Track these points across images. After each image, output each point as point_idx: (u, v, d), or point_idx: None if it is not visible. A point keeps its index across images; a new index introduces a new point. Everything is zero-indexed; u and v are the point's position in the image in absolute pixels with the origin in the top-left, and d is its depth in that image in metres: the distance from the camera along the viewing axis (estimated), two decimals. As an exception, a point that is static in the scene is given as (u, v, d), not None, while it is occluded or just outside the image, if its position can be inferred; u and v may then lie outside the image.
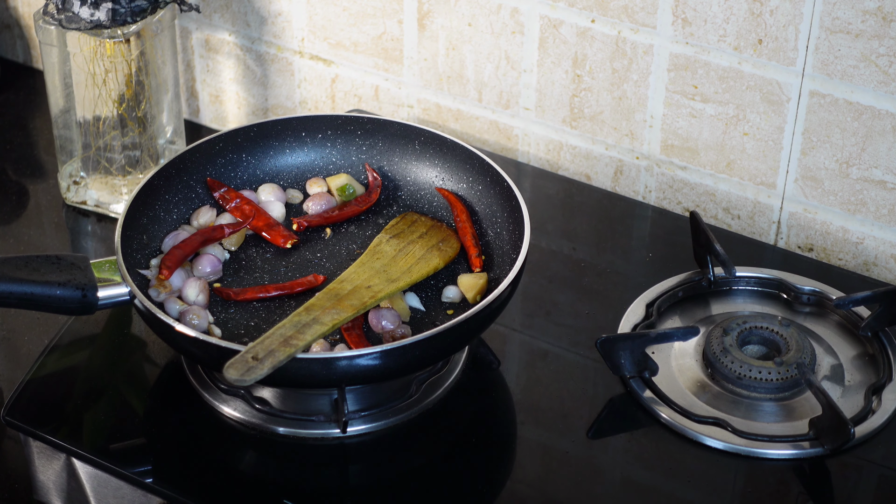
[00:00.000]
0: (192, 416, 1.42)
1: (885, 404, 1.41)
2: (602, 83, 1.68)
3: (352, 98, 1.85)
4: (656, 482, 1.36)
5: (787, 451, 1.37)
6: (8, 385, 1.53)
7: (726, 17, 1.57)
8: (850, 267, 1.64)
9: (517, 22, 1.69)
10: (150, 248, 1.50)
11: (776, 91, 1.59)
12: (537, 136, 1.77)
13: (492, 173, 1.53)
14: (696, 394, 1.44)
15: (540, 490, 1.36)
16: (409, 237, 1.52)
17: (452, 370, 1.45)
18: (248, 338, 1.41)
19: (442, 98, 1.80)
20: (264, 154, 1.60)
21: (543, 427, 1.42)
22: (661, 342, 1.45)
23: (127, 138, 1.72)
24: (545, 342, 1.52)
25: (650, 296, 1.54)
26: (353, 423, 1.38)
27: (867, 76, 1.52)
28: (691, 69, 1.62)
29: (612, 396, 1.44)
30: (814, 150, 1.60)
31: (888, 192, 1.58)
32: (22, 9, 2.03)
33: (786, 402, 1.43)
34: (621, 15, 1.63)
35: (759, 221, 1.68)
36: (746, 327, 1.47)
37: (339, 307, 1.38)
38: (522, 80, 1.73)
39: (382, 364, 1.31)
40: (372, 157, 1.61)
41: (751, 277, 1.57)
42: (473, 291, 1.46)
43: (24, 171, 1.85)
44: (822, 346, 1.49)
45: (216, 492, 1.35)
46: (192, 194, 1.56)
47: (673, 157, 1.69)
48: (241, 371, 1.26)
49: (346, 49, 1.81)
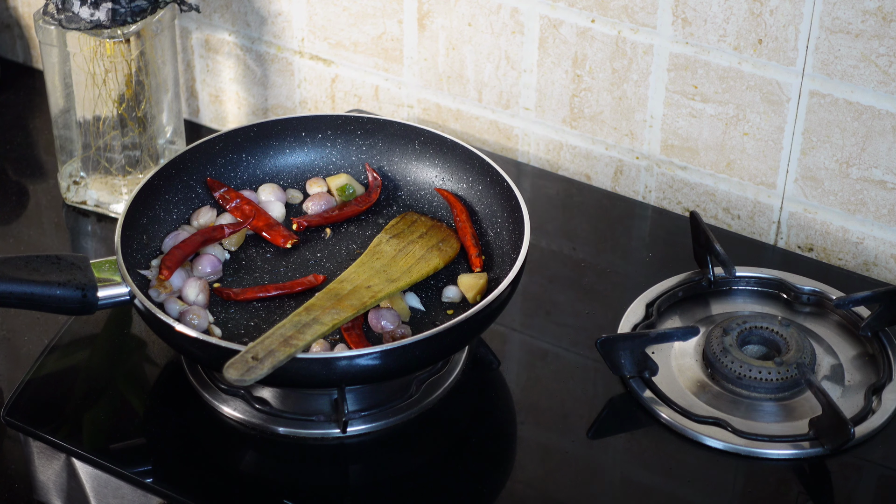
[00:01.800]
0: (192, 416, 1.42)
1: (885, 404, 1.41)
2: (602, 83, 1.68)
3: (352, 98, 1.85)
4: (656, 482, 1.36)
5: (787, 451, 1.37)
6: (8, 385, 1.52)
7: (726, 17, 1.57)
8: (850, 267, 1.64)
9: (517, 22, 1.69)
10: (150, 248, 1.50)
11: (776, 91, 1.59)
12: (537, 136, 1.77)
13: (492, 173, 1.53)
14: (696, 394, 1.44)
15: (540, 490, 1.36)
16: (409, 237, 1.52)
17: (452, 370, 1.45)
18: (248, 338, 1.41)
19: (442, 98, 1.80)
20: (264, 154, 1.60)
21: (543, 427, 1.42)
22: (661, 342, 1.45)
23: (127, 138, 1.72)
24: (545, 342, 1.52)
25: (650, 296, 1.54)
26: (353, 423, 1.38)
27: (867, 76, 1.52)
28: (691, 69, 1.62)
29: (612, 396, 1.44)
30: (814, 150, 1.60)
31: (888, 192, 1.58)
32: (22, 9, 2.03)
33: (786, 402, 1.43)
34: (621, 15, 1.63)
35: (759, 221, 1.68)
36: (746, 327, 1.47)
37: (339, 307, 1.38)
38: (522, 80, 1.73)
39: (382, 364, 1.31)
40: (372, 157, 1.61)
41: (751, 277, 1.57)
42: (473, 291, 1.46)
43: (24, 171, 1.85)
44: (822, 346, 1.49)
45: (216, 492, 1.35)
46: (192, 194, 1.56)
47: (673, 157, 1.69)
48: (242, 371, 1.26)
49: (346, 49, 1.81)
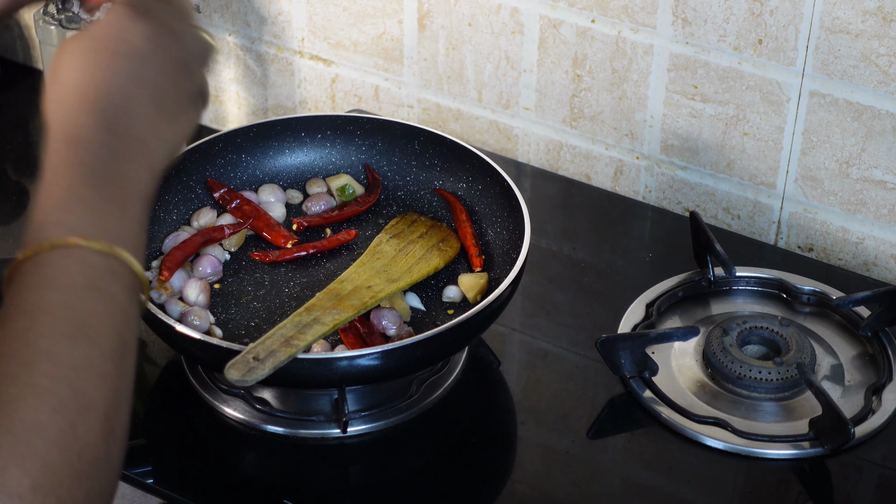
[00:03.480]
0: (192, 416, 1.42)
1: (885, 404, 1.41)
2: (602, 83, 1.68)
3: (352, 98, 1.85)
4: (656, 482, 1.36)
5: (787, 451, 1.37)
6: (8, 385, 1.52)
7: (726, 17, 1.57)
8: (850, 267, 1.64)
9: (517, 22, 1.69)
10: (151, 249, 1.50)
11: (776, 91, 1.59)
12: (537, 136, 1.77)
13: (492, 173, 1.53)
14: (696, 394, 1.44)
15: (540, 490, 1.36)
16: (409, 237, 1.52)
17: (452, 370, 1.45)
18: (248, 338, 1.41)
19: (442, 98, 1.80)
20: (264, 154, 1.60)
21: (543, 427, 1.42)
22: (661, 342, 1.45)
23: (127, 138, 1.71)
24: (545, 342, 1.52)
25: (650, 296, 1.54)
26: (353, 423, 1.38)
27: (867, 76, 1.52)
28: (691, 69, 1.62)
29: (612, 396, 1.44)
30: (814, 150, 1.60)
31: (888, 192, 1.58)
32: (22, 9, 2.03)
33: (786, 402, 1.43)
34: (621, 15, 1.63)
35: (759, 221, 1.68)
36: (746, 327, 1.47)
37: (340, 307, 1.38)
38: (522, 80, 1.73)
39: (383, 364, 1.32)
40: (372, 157, 1.61)
41: (751, 277, 1.57)
42: (474, 291, 1.46)
43: (25, 171, 1.85)
44: (822, 346, 1.49)
45: (216, 492, 1.35)
46: (192, 195, 1.56)
47: (673, 157, 1.69)
48: (243, 371, 1.26)
49: (346, 49, 1.82)
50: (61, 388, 0.84)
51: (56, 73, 0.98)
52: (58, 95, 0.97)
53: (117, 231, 0.92)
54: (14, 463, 0.81)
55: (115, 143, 0.95)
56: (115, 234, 0.92)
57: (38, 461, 0.82)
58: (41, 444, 0.82)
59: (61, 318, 0.87)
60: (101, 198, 0.93)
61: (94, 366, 0.86)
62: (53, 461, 0.82)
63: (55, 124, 0.96)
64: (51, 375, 0.84)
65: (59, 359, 0.85)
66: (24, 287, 0.89)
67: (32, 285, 0.88)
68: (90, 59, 0.98)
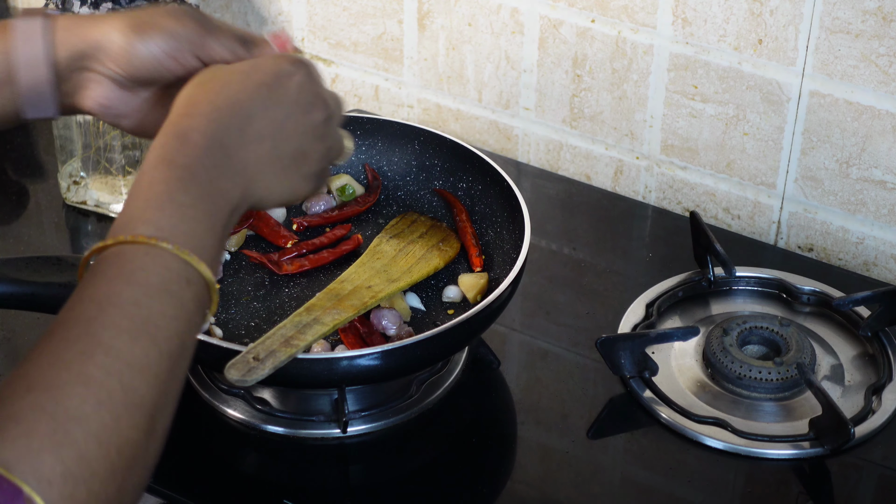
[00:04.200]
0: (192, 416, 1.42)
1: (885, 404, 1.41)
2: (602, 83, 1.68)
3: (352, 98, 1.85)
4: (656, 482, 1.36)
5: (787, 451, 1.37)
6: (8, 385, 1.52)
7: (726, 17, 1.57)
8: (850, 267, 1.64)
9: (517, 22, 1.69)
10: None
11: (776, 91, 1.59)
12: (537, 136, 1.77)
13: (492, 173, 1.53)
14: (696, 394, 1.44)
15: (540, 490, 1.36)
16: (409, 237, 1.52)
17: (452, 370, 1.45)
18: (248, 338, 1.41)
19: (442, 98, 1.80)
20: (264, 154, 1.60)
21: (543, 427, 1.42)
22: (661, 342, 1.45)
23: (127, 138, 1.72)
24: (545, 342, 1.52)
25: (650, 296, 1.54)
26: (353, 423, 1.38)
27: (867, 76, 1.52)
28: (691, 69, 1.62)
29: (612, 396, 1.44)
30: (814, 150, 1.60)
31: (888, 192, 1.58)
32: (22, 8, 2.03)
33: (786, 402, 1.43)
34: (621, 15, 1.63)
35: (759, 221, 1.68)
36: (746, 327, 1.47)
37: (340, 307, 1.38)
38: (522, 80, 1.73)
39: (383, 364, 1.31)
40: (372, 157, 1.61)
41: (751, 277, 1.57)
42: (474, 291, 1.46)
43: (24, 171, 1.85)
44: (822, 346, 1.49)
45: (216, 492, 1.35)
46: (193, 194, 1.56)
47: (673, 157, 1.69)
48: (243, 371, 1.26)
49: (346, 49, 1.82)
50: (112, 382, 0.85)
51: (204, 76, 1.01)
52: (192, 94, 1.00)
53: (201, 242, 0.94)
54: (49, 449, 0.82)
55: (220, 158, 0.97)
56: (199, 244, 0.93)
57: (75, 450, 0.82)
58: (80, 434, 0.83)
59: (129, 314, 0.88)
60: (194, 205, 0.94)
61: (149, 365, 0.88)
62: (91, 453, 0.83)
63: (175, 118, 0.98)
64: (105, 368, 0.86)
65: (116, 353, 0.86)
66: (101, 275, 0.90)
67: (110, 275, 0.90)
68: (239, 78, 1.01)
